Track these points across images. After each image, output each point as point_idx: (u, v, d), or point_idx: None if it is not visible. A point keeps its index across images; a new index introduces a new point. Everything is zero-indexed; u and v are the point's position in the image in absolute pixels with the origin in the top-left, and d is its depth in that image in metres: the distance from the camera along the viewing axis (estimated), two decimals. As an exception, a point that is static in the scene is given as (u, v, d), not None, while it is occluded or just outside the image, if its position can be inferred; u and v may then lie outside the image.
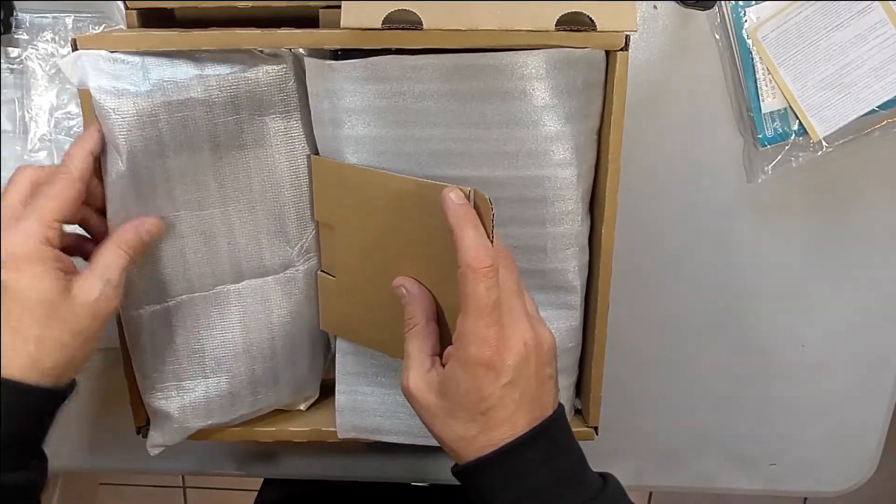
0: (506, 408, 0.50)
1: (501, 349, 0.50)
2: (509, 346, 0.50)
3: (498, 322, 0.50)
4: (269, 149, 0.59)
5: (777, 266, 0.74)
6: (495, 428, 0.50)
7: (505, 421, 0.50)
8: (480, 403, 0.50)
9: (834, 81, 0.67)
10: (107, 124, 0.54)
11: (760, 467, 0.81)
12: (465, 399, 0.50)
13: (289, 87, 0.57)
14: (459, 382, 0.50)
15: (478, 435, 0.50)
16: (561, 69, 0.54)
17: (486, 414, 0.50)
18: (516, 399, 0.50)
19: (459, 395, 0.50)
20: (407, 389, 0.53)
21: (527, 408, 0.51)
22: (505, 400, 0.50)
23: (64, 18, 0.68)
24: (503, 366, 0.50)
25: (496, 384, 0.50)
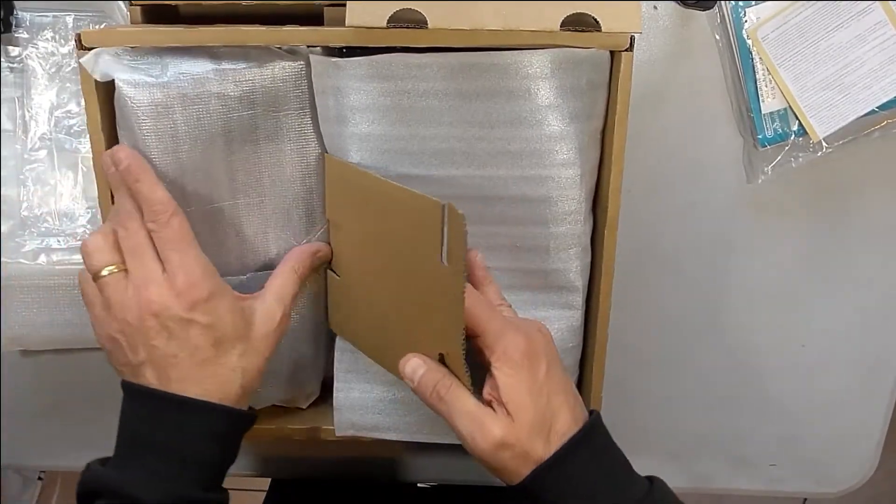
0: (558, 393, 0.52)
1: (526, 337, 0.52)
2: (529, 334, 0.52)
3: (503, 318, 0.53)
4: (280, 145, 0.59)
5: (777, 266, 0.74)
6: (558, 417, 0.52)
7: (562, 408, 0.52)
8: (547, 401, 0.51)
9: (834, 82, 0.67)
10: (123, 113, 0.55)
11: (760, 467, 0.81)
12: (529, 396, 0.51)
13: (304, 85, 0.57)
14: (519, 382, 0.51)
15: (550, 432, 0.52)
16: (565, 69, 0.54)
17: (550, 403, 0.51)
18: (561, 380, 0.53)
19: (523, 395, 0.51)
20: (500, 440, 0.52)
21: (570, 393, 0.53)
22: (556, 390, 0.52)
23: (64, 17, 0.67)
24: (537, 350, 0.52)
25: (546, 363, 0.52)
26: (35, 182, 0.70)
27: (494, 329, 0.52)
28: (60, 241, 0.70)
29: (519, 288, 0.62)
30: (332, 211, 0.62)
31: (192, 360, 0.53)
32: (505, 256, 0.60)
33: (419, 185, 0.57)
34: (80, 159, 0.70)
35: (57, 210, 0.70)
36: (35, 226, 0.70)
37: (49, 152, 0.70)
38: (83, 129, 0.69)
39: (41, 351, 0.74)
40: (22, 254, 0.70)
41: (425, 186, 0.58)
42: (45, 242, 0.71)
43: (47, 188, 0.70)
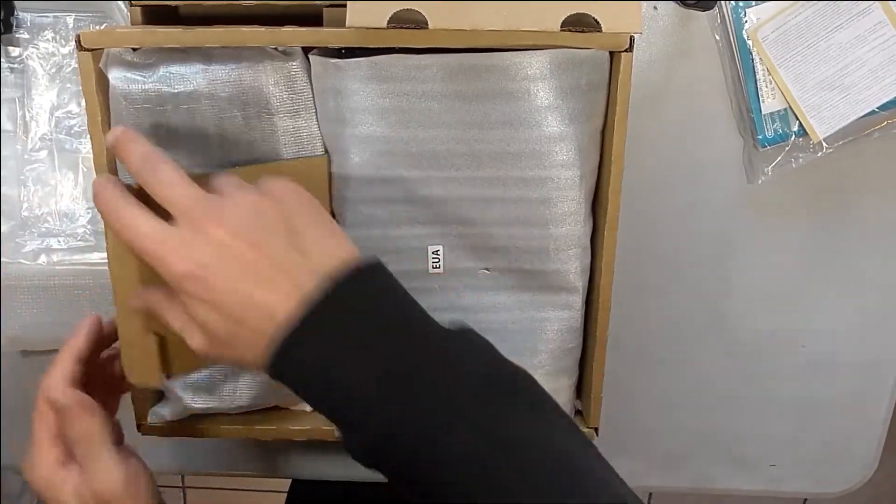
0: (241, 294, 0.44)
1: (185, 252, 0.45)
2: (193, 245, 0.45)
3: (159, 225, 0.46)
4: (277, 147, 0.59)
5: (777, 266, 0.74)
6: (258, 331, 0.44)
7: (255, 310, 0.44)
8: (223, 312, 0.45)
9: (834, 82, 0.67)
10: (118, 111, 0.56)
11: (760, 468, 0.81)
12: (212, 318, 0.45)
13: (298, 86, 0.57)
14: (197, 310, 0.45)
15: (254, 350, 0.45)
16: (565, 70, 0.55)
17: (237, 317, 0.45)
18: (252, 275, 0.44)
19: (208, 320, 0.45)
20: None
21: (279, 277, 0.44)
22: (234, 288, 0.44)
23: (65, 18, 0.67)
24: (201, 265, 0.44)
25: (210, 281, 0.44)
26: (35, 182, 0.70)
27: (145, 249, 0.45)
28: (61, 242, 0.71)
29: (519, 289, 0.62)
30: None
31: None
32: (505, 258, 0.60)
33: (419, 186, 0.58)
34: (80, 160, 0.70)
35: (57, 210, 0.70)
36: (35, 226, 0.70)
37: (49, 153, 0.70)
38: (84, 130, 0.69)
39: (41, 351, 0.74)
40: (22, 254, 0.70)
41: (425, 188, 0.58)
42: (46, 243, 0.71)
43: (48, 188, 0.70)
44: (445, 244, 0.60)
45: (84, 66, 0.55)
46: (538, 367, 0.63)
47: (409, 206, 0.59)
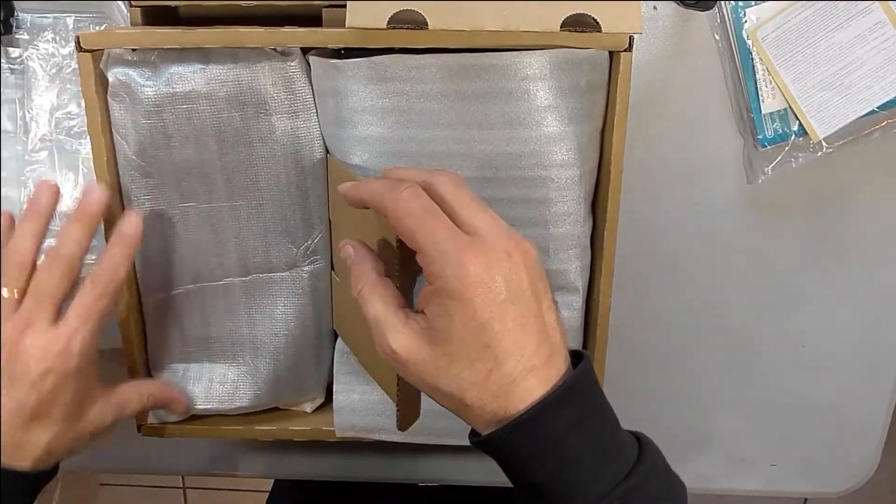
0: (510, 332, 0.44)
1: (483, 261, 0.44)
2: (490, 258, 0.44)
3: (462, 235, 0.45)
4: (275, 147, 0.59)
5: (777, 266, 0.74)
6: (506, 360, 0.44)
7: (513, 350, 0.44)
8: (481, 333, 0.44)
9: (834, 82, 0.67)
10: (117, 111, 0.56)
11: (760, 468, 0.81)
12: (463, 333, 0.44)
13: (296, 86, 0.57)
14: (452, 316, 0.44)
15: (490, 374, 0.44)
16: (565, 70, 0.55)
17: (491, 345, 0.44)
18: (519, 320, 0.44)
19: (455, 331, 0.44)
20: (393, 353, 0.46)
21: (534, 333, 0.45)
22: (507, 322, 0.44)
23: (65, 19, 0.67)
24: (492, 280, 0.44)
25: (491, 303, 0.43)
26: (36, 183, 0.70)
27: (431, 245, 0.45)
28: (61, 242, 0.70)
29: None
30: (334, 213, 0.62)
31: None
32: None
33: (419, 186, 0.58)
34: (80, 160, 0.70)
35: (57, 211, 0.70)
36: (36, 227, 0.70)
37: (50, 153, 0.70)
38: (84, 131, 0.69)
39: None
40: (23, 255, 0.70)
41: (425, 188, 0.58)
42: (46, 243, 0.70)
43: (48, 189, 0.70)
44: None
45: (84, 68, 0.55)
46: (538, 368, 0.63)
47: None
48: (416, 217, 0.45)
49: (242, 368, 0.65)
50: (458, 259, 0.44)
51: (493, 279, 0.44)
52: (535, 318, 0.45)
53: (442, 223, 0.45)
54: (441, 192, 0.47)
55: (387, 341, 0.46)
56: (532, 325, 0.45)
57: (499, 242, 0.45)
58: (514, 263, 0.45)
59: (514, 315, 0.44)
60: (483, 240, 0.45)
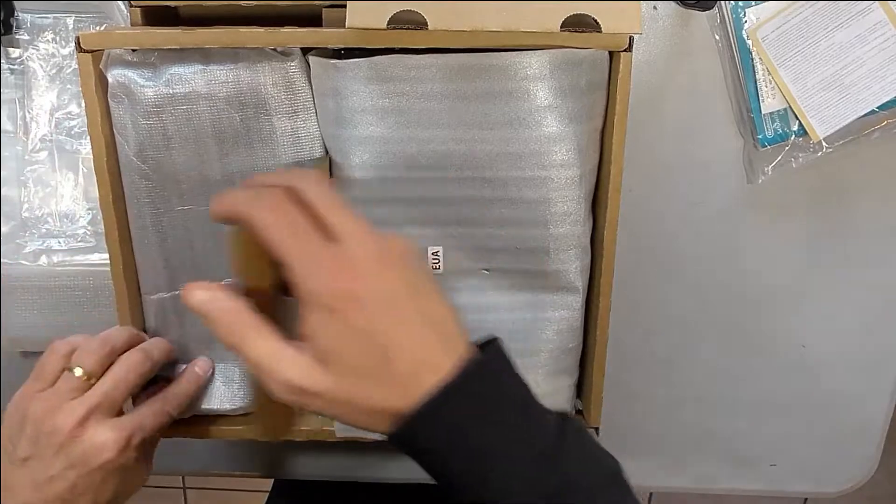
0: (388, 332, 0.43)
1: (349, 269, 0.43)
2: (356, 265, 0.43)
3: (326, 246, 0.44)
4: (276, 148, 0.59)
5: (777, 266, 0.74)
6: (394, 360, 0.43)
7: (400, 348, 0.43)
8: (361, 341, 0.43)
9: (834, 82, 0.67)
10: (117, 112, 0.56)
11: (761, 468, 0.81)
12: (345, 344, 0.43)
13: (297, 87, 0.57)
14: (329, 331, 0.43)
15: (382, 377, 0.43)
16: (564, 70, 0.55)
17: (371, 351, 0.43)
18: (398, 318, 0.43)
19: (338, 345, 0.43)
20: (294, 387, 0.44)
21: (418, 328, 0.44)
22: (385, 323, 0.43)
23: (65, 19, 0.67)
24: (361, 287, 0.43)
25: (363, 309, 0.43)
26: (36, 183, 0.70)
27: (296, 260, 0.44)
28: (61, 243, 0.71)
29: (519, 289, 0.62)
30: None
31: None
32: (505, 258, 0.60)
33: (418, 186, 0.58)
34: (80, 160, 0.70)
35: (58, 211, 0.70)
36: (36, 227, 0.71)
37: (50, 153, 0.70)
38: (84, 131, 0.69)
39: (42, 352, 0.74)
40: (23, 255, 0.70)
41: (425, 188, 0.58)
42: (46, 244, 0.71)
43: (48, 189, 0.70)
44: (445, 245, 0.60)
45: (84, 68, 0.55)
46: (538, 367, 0.63)
47: (409, 206, 0.59)
48: (279, 229, 0.44)
49: (243, 368, 0.65)
50: (322, 272, 0.43)
51: (362, 286, 0.43)
52: (418, 313, 0.44)
53: (304, 234, 0.44)
54: (307, 196, 0.46)
55: (283, 377, 0.44)
56: (415, 320, 0.44)
57: (364, 246, 0.44)
58: (382, 266, 0.44)
59: (393, 315, 0.44)
60: (347, 246, 0.44)
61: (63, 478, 0.54)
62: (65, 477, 0.54)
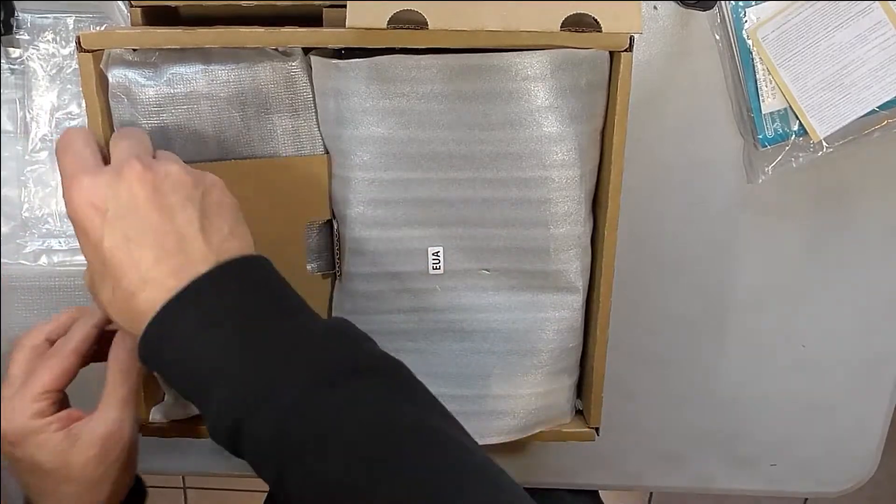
0: (121, 247, 0.45)
1: (91, 183, 0.45)
2: (100, 179, 0.45)
3: (84, 166, 0.47)
4: (276, 147, 0.59)
5: (777, 266, 0.74)
6: (123, 276, 0.45)
7: (129, 265, 0.44)
8: (98, 252, 0.45)
9: (834, 82, 0.67)
10: (118, 110, 0.56)
11: (761, 468, 0.81)
12: (88, 255, 0.46)
13: (298, 86, 0.57)
14: (80, 242, 0.46)
15: (114, 292, 0.45)
16: (565, 70, 0.55)
17: (107, 263, 0.45)
18: (132, 234, 0.45)
19: (87, 257, 0.46)
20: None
21: (152, 247, 0.45)
22: (117, 237, 0.45)
23: (65, 19, 0.67)
24: (98, 199, 0.45)
25: (99, 221, 0.45)
26: (36, 183, 0.70)
27: (62, 178, 0.47)
28: (62, 243, 0.71)
29: (519, 289, 0.62)
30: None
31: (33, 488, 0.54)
32: (505, 258, 0.60)
33: (419, 187, 0.58)
34: (80, 160, 0.70)
35: (58, 211, 0.70)
36: (36, 227, 0.71)
37: (50, 153, 0.70)
38: (84, 131, 0.69)
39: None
40: (23, 255, 0.70)
41: (425, 189, 0.58)
42: (47, 244, 0.71)
43: (48, 189, 0.70)
44: (445, 245, 0.60)
45: (84, 68, 0.55)
46: (539, 367, 0.63)
47: (409, 207, 0.59)
48: (60, 146, 0.48)
49: None
50: (71, 185, 0.46)
51: (98, 199, 0.45)
52: (157, 233, 0.45)
53: (72, 154, 0.47)
54: (113, 137, 0.50)
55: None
56: (150, 238, 0.45)
57: (116, 165, 0.46)
58: (127, 182, 0.45)
59: (126, 230, 0.45)
60: (105, 167, 0.47)
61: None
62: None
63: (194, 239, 0.46)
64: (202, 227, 0.46)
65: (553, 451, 0.79)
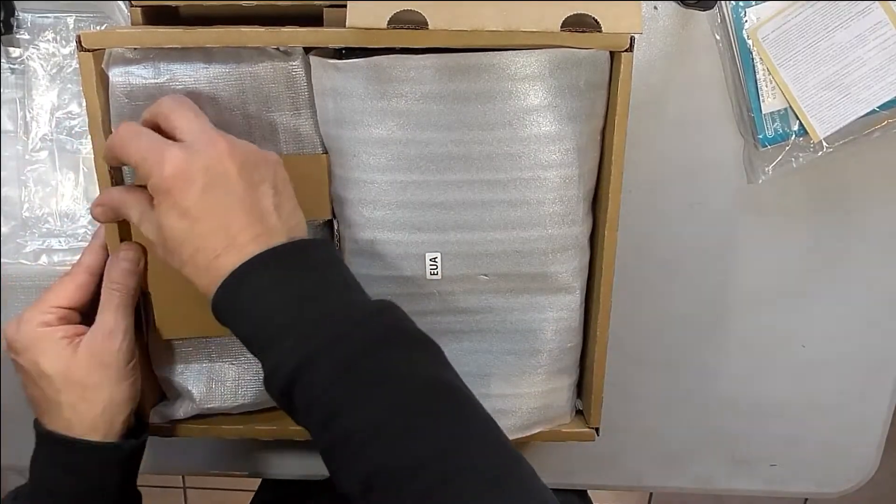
0: (210, 214, 0.49)
1: (182, 156, 0.49)
2: (190, 152, 0.50)
3: (166, 142, 0.50)
4: (278, 145, 0.59)
5: (777, 266, 0.74)
6: (208, 239, 0.50)
7: (215, 230, 0.49)
8: (184, 218, 0.50)
9: (834, 82, 0.67)
10: (119, 108, 0.56)
11: (761, 468, 0.81)
12: (172, 221, 0.50)
13: (298, 85, 0.57)
14: (161, 209, 0.50)
15: (196, 253, 0.50)
16: (564, 69, 0.55)
17: (194, 227, 0.50)
18: (221, 202, 0.50)
19: (166, 223, 0.50)
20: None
21: (239, 215, 0.50)
22: (207, 204, 0.49)
23: (65, 18, 0.67)
24: (189, 169, 0.49)
25: (189, 190, 0.49)
26: (36, 183, 0.70)
27: (139, 157, 0.51)
28: (62, 242, 0.71)
29: (518, 292, 0.62)
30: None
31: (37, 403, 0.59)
32: (503, 262, 0.60)
33: (416, 190, 0.58)
34: (81, 160, 0.70)
35: (58, 211, 0.70)
36: (36, 227, 0.71)
37: (50, 153, 0.70)
38: (84, 130, 0.69)
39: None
40: (23, 255, 0.70)
41: (423, 191, 0.58)
42: (47, 243, 0.71)
43: (48, 189, 0.70)
44: (443, 251, 0.60)
45: (85, 67, 0.55)
46: (539, 367, 0.63)
47: (407, 210, 0.58)
48: (124, 138, 0.51)
49: (244, 366, 0.65)
50: (158, 160, 0.49)
51: (190, 169, 0.49)
52: (242, 203, 0.50)
53: (146, 137, 0.51)
54: (162, 111, 0.52)
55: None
56: (237, 207, 0.50)
57: (202, 139, 0.51)
58: (216, 153, 0.50)
59: (215, 198, 0.50)
60: (188, 141, 0.51)
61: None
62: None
63: (271, 214, 0.51)
64: (276, 204, 0.52)
65: (553, 451, 0.79)
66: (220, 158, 0.50)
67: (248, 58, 0.56)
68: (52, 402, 0.58)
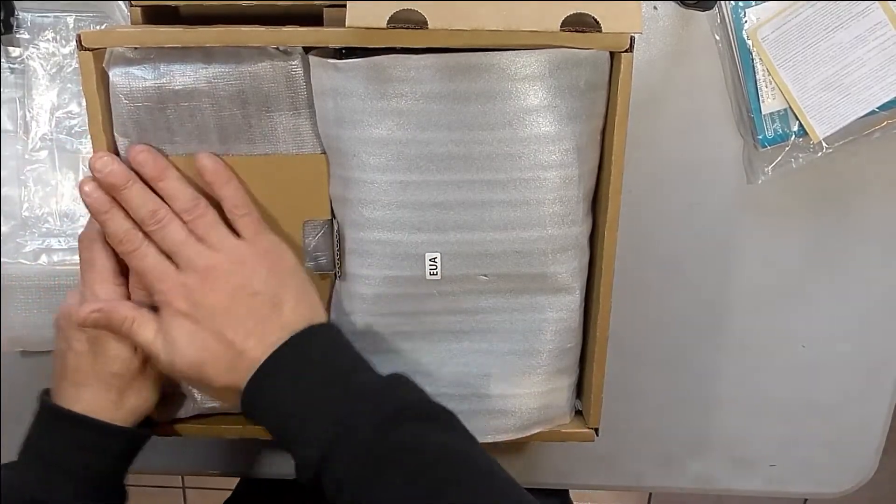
0: (230, 319, 0.55)
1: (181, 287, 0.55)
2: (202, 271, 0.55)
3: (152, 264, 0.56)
4: (277, 145, 0.59)
5: (777, 266, 0.74)
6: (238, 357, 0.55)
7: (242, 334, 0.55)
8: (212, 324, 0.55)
9: (834, 82, 0.67)
10: (119, 108, 0.56)
11: (760, 468, 0.81)
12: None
13: (298, 85, 0.57)
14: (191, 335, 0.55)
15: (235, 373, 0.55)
16: (564, 69, 0.55)
17: (223, 333, 0.55)
18: (235, 310, 0.55)
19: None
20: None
21: (250, 320, 0.55)
22: (226, 311, 0.55)
23: (65, 18, 0.68)
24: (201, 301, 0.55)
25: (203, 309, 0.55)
26: (36, 182, 0.70)
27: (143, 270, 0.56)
28: (61, 242, 0.71)
29: (518, 292, 0.62)
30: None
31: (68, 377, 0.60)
32: (503, 263, 0.60)
33: (416, 191, 0.58)
34: (81, 160, 0.70)
35: (58, 210, 0.70)
36: (36, 226, 0.71)
37: (50, 153, 0.70)
38: (84, 130, 0.69)
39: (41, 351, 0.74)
40: (23, 254, 0.70)
41: (423, 192, 0.58)
42: (46, 243, 0.71)
43: (48, 189, 0.70)
44: (443, 251, 0.60)
45: (85, 66, 0.55)
46: (539, 368, 0.63)
47: (407, 210, 0.58)
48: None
49: None
50: (163, 271, 0.56)
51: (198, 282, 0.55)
52: (264, 297, 0.56)
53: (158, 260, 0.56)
54: (227, 195, 0.58)
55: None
56: (240, 312, 0.56)
57: (229, 242, 0.57)
58: (246, 257, 0.57)
59: (239, 293, 0.56)
60: (216, 248, 0.57)
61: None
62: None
63: (271, 317, 0.56)
64: (277, 306, 0.57)
65: (552, 452, 0.79)
66: (229, 278, 0.56)
67: (248, 57, 0.56)
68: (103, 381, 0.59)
